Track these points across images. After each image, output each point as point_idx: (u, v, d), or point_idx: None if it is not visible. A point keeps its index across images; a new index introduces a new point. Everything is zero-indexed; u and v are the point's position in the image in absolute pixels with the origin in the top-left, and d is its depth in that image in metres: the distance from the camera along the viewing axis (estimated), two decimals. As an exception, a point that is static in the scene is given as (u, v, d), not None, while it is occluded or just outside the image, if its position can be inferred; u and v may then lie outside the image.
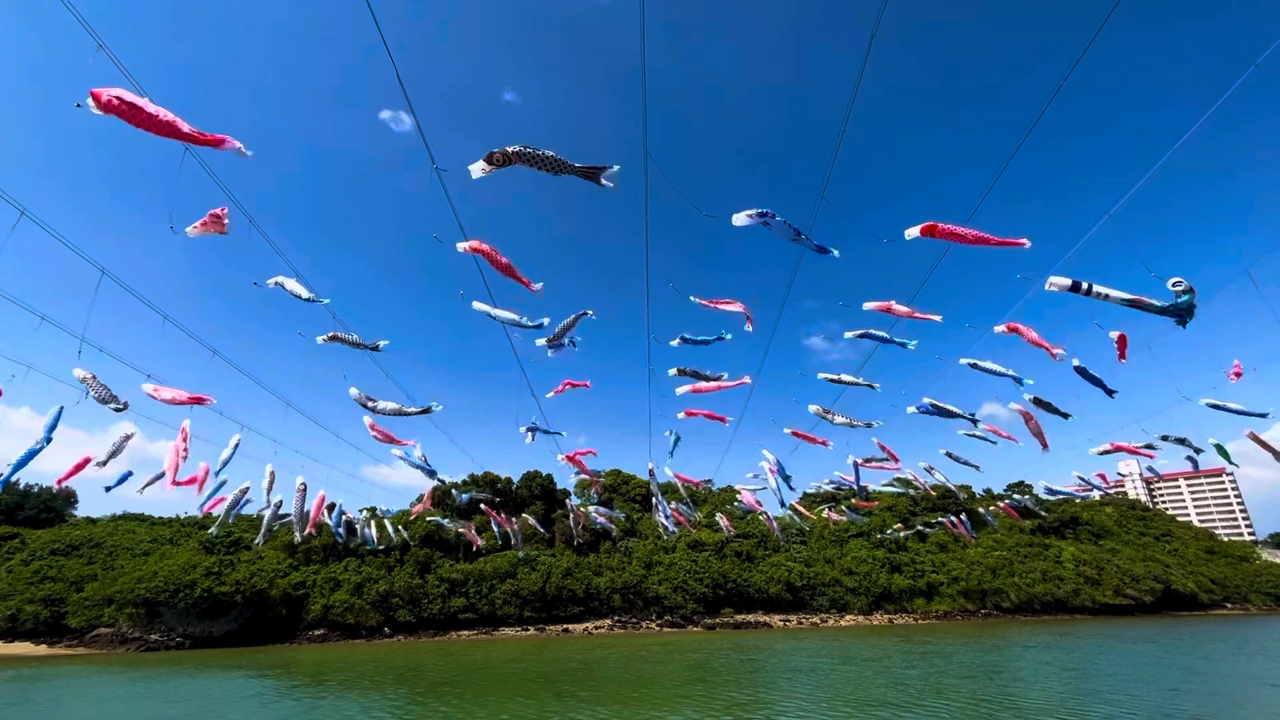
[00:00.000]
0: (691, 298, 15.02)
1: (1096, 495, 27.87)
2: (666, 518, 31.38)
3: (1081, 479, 28.10)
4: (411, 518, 60.49)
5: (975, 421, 21.12)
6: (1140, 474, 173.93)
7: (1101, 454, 23.03)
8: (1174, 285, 10.72)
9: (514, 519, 51.28)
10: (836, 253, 11.55)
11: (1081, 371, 15.75)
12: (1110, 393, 16.37)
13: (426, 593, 66.19)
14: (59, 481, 21.39)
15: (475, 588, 67.43)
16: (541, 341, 15.89)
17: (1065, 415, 18.24)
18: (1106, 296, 10.97)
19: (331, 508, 38.15)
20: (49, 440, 15.60)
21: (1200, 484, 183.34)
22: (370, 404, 17.84)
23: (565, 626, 67.93)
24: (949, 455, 27.30)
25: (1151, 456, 23.56)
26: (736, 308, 15.23)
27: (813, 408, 19.67)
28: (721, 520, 56.14)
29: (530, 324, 14.36)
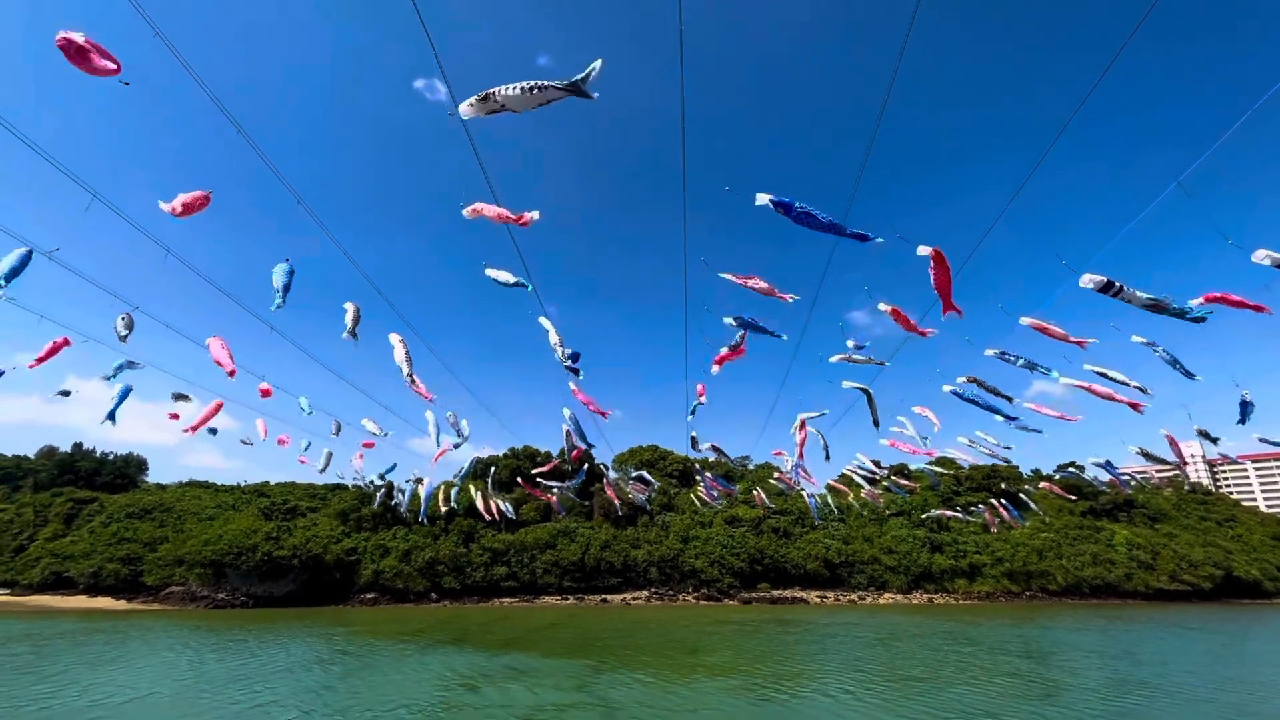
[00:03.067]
0: (721, 274, 14.54)
1: (1154, 475, 26.47)
2: (707, 488, 31.37)
3: (1143, 454, 26.28)
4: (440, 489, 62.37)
5: (1012, 420, 20.50)
6: (1203, 456, 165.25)
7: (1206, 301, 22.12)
8: (1197, 305, 11.42)
9: (553, 490, 52.42)
10: (880, 239, 10.63)
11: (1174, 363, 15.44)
12: (1190, 375, 15.80)
13: (470, 561, 68.64)
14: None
15: (516, 557, 69.52)
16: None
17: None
18: (1132, 299, 11.16)
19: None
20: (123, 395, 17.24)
21: (1270, 468, 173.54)
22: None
23: (604, 596, 69.55)
24: (984, 437, 26.53)
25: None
26: (763, 286, 14.62)
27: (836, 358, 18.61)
28: (758, 496, 56.20)
29: (515, 281, 14.26)
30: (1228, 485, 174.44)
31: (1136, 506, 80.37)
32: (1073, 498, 68.66)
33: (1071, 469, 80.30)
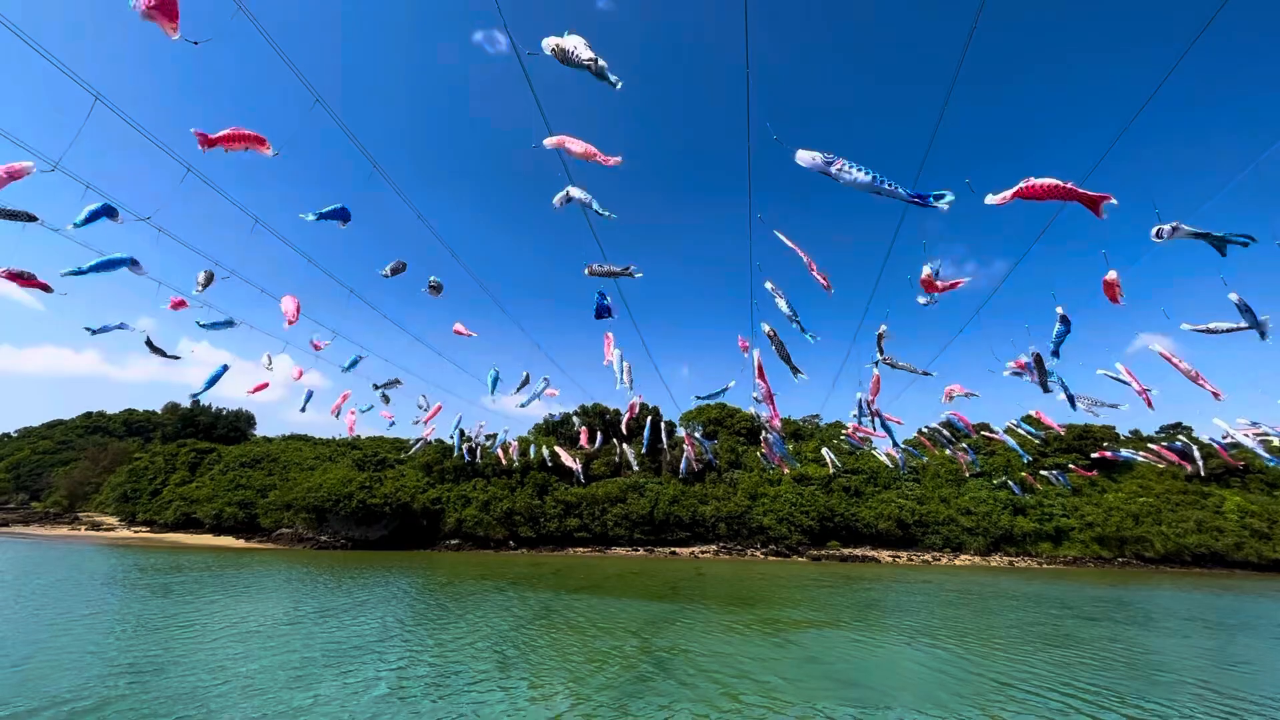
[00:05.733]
0: (776, 231, 13.83)
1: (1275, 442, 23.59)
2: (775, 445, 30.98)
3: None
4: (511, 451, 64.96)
5: (1073, 400, 19.12)
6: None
7: None
8: None
9: (626, 444, 53.65)
10: (945, 204, 8.33)
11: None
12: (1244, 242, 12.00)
13: (544, 512, 71.92)
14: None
15: (588, 510, 72.18)
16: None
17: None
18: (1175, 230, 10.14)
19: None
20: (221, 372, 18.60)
21: None
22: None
23: (673, 549, 71.37)
24: (1091, 404, 24.62)
25: None
26: (812, 268, 13.97)
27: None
28: (827, 455, 55.38)
29: (595, 207, 13.93)
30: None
31: (1253, 471, 73.60)
32: (1186, 465, 63.71)
33: (1175, 435, 74.29)
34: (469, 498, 72.88)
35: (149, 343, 19.48)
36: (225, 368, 21.59)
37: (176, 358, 20.84)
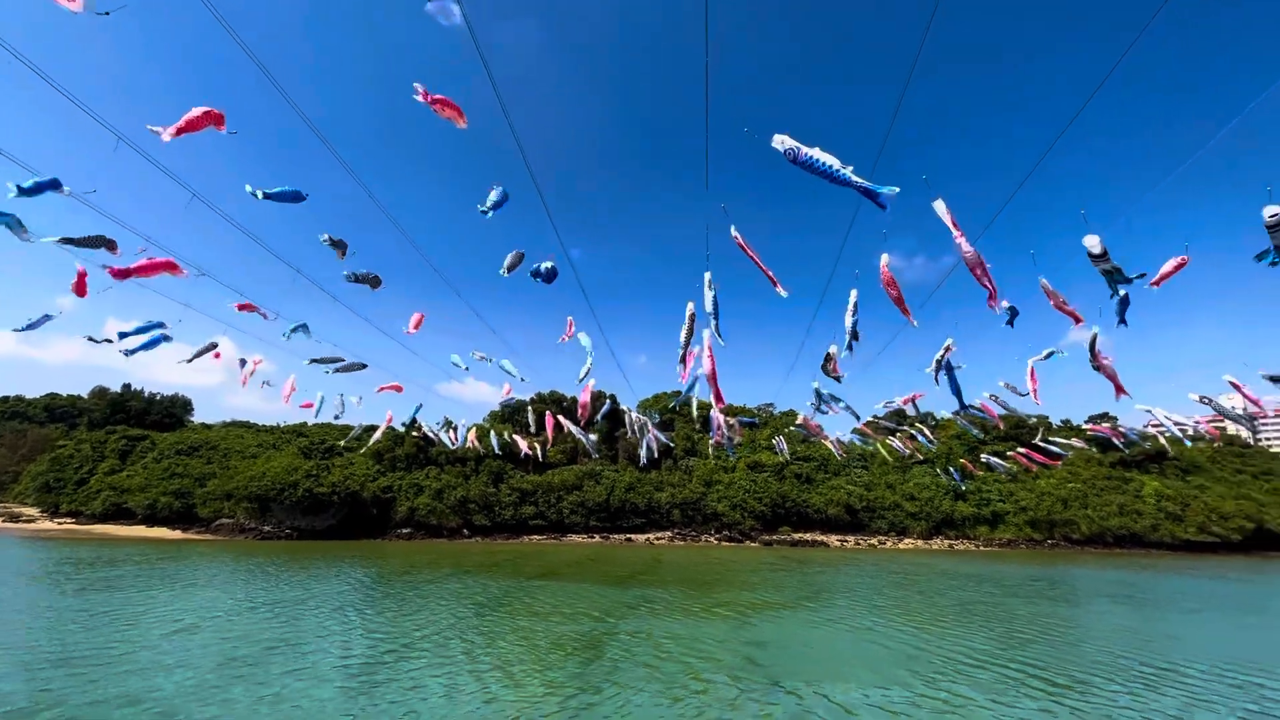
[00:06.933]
0: (733, 233, 13.39)
1: (1195, 427, 25.36)
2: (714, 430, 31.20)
3: (1205, 400, 25.20)
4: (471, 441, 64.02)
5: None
6: (1245, 408, 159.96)
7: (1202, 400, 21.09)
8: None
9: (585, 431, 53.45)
10: (890, 190, 8.45)
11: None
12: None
13: (499, 500, 71.25)
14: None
15: (544, 497, 71.88)
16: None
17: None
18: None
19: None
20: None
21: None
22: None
23: (628, 536, 71.85)
24: (1008, 387, 25.72)
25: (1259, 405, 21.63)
26: (768, 273, 13.88)
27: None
28: (780, 443, 56.53)
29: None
30: (1269, 438, 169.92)
31: (1169, 458, 78.93)
32: (1105, 454, 67.77)
33: (1100, 423, 78.78)
34: (421, 486, 71.49)
35: (91, 338, 18.49)
36: (162, 334, 19.57)
37: (109, 341, 19.45)
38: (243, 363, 25.14)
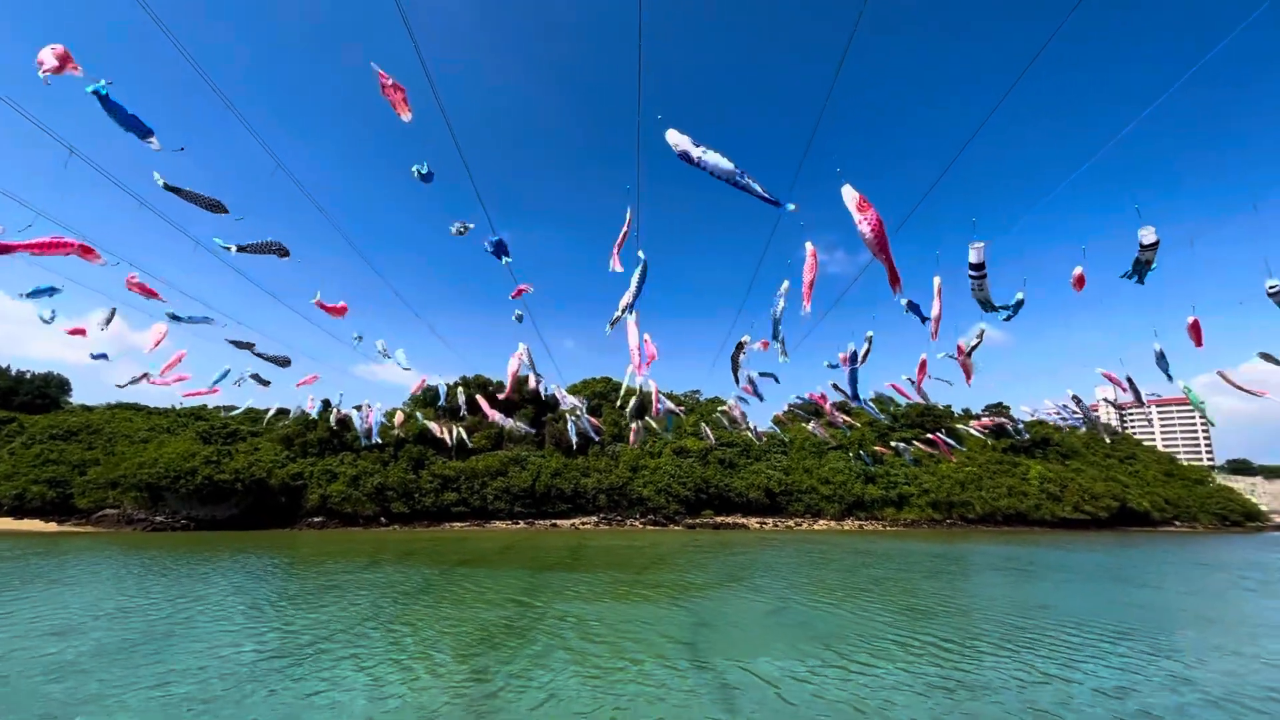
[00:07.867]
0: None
1: (1070, 420, 28.31)
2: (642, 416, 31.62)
3: (1072, 401, 28.37)
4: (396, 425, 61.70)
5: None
6: (1114, 400, 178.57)
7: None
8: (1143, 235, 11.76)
9: (509, 417, 52.49)
10: (793, 206, 8.66)
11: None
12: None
13: (420, 487, 68.99)
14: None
15: (467, 484, 70.24)
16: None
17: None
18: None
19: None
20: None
21: (1170, 411, 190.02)
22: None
23: (553, 522, 71.54)
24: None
25: (1126, 393, 24.07)
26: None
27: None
28: (706, 429, 57.84)
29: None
30: (1133, 426, 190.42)
31: (1052, 444, 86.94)
32: (998, 440, 73.72)
33: (995, 413, 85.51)
34: (335, 472, 68.13)
35: None
36: (54, 289, 17.27)
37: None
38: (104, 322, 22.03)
